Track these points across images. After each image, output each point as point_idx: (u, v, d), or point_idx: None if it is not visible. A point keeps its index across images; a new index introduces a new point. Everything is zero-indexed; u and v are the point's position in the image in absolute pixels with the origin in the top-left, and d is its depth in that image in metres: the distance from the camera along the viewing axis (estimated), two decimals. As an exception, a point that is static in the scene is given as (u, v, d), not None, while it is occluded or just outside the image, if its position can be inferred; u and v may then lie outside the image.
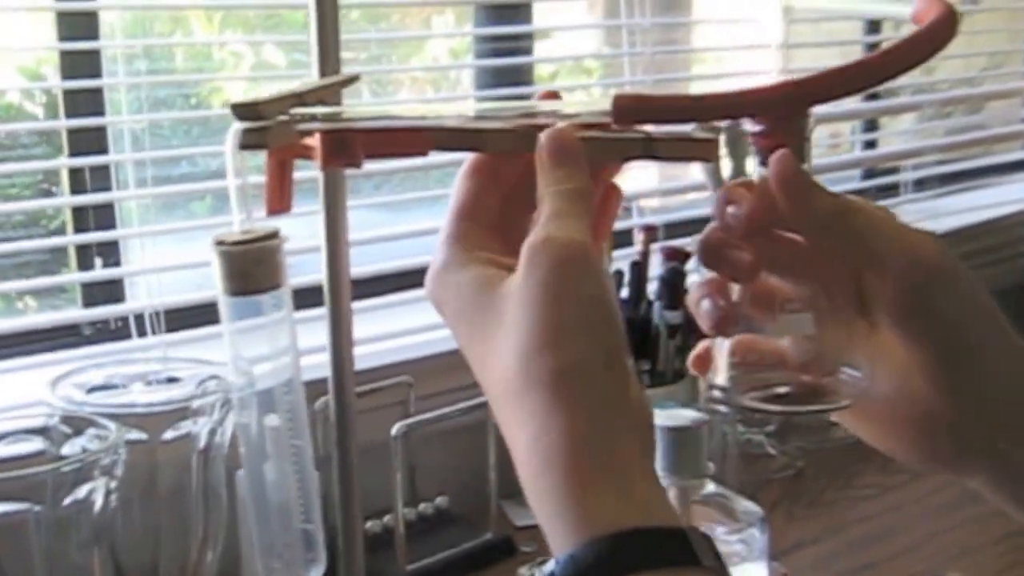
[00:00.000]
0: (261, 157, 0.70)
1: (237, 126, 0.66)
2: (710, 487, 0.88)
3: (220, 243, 0.78)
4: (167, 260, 1.43)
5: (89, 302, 1.45)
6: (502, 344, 0.57)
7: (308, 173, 0.96)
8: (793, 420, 1.70)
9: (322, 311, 1.15)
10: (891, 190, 2.23)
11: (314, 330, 1.15)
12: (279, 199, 0.80)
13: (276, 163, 0.80)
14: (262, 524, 0.91)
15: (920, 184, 2.24)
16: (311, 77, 1.07)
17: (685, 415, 0.88)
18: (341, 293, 1.08)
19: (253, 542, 0.93)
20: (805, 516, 1.49)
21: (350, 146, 0.72)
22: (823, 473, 1.61)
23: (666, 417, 0.87)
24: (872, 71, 0.64)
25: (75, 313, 1.44)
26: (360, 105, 1.58)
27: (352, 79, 0.85)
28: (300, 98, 0.71)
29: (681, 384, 1.41)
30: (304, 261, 1.27)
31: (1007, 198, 2.29)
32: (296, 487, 0.90)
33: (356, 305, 1.51)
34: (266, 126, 0.67)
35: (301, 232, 1.05)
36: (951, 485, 1.49)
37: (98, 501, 0.94)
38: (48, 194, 1.46)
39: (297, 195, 0.72)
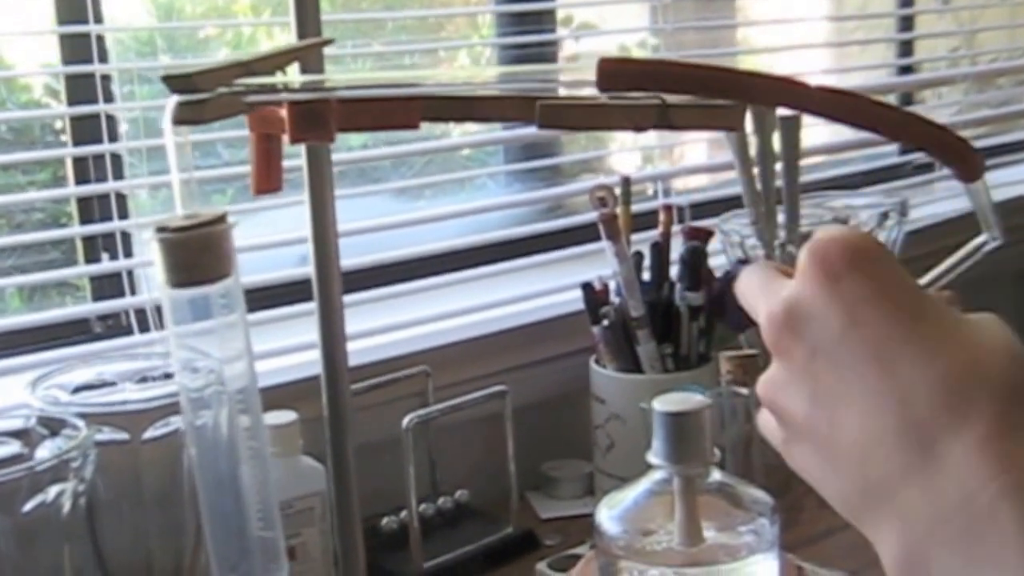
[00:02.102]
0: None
1: (173, 99, 0.61)
2: (716, 475, 0.83)
3: (161, 230, 0.72)
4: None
5: (99, 299, 1.42)
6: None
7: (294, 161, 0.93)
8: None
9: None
10: (928, 167, 2.18)
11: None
12: (266, 179, 0.77)
13: (261, 142, 0.76)
14: (215, 530, 0.86)
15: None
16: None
17: (687, 399, 0.83)
18: (331, 286, 1.03)
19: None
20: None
21: (322, 117, 0.67)
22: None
23: (667, 402, 0.82)
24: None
25: (75, 309, 1.41)
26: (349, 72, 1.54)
27: (323, 42, 0.81)
28: (246, 67, 0.66)
29: (706, 368, 1.36)
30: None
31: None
32: (255, 492, 0.86)
33: (373, 294, 1.50)
34: (203, 99, 0.62)
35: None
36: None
37: (66, 505, 0.90)
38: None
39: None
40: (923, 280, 0.88)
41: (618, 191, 1.37)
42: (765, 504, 0.83)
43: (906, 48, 2.18)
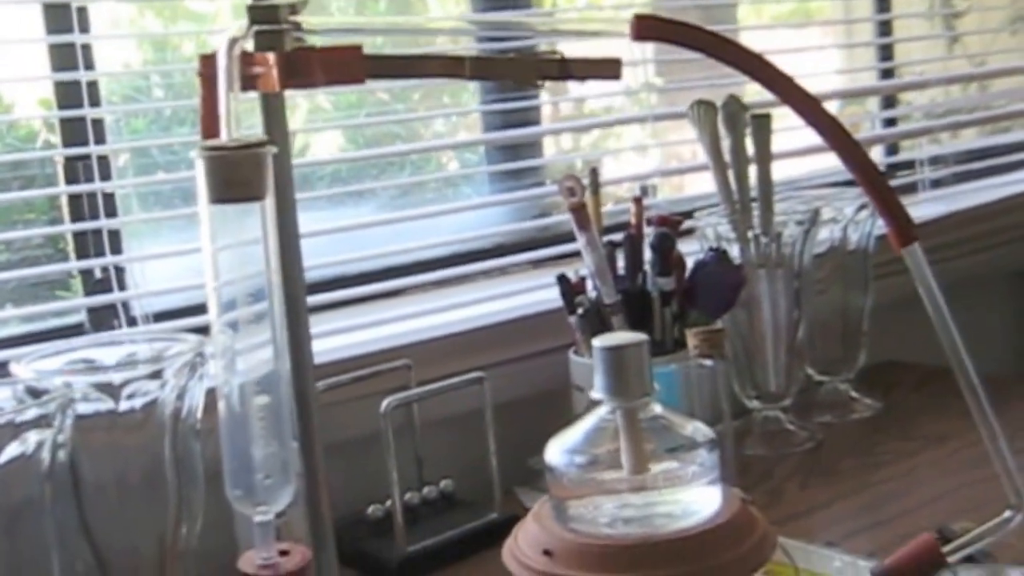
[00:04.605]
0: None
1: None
2: (656, 408, 0.87)
3: (206, 148, 0.79)
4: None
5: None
6: None
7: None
8: (813, 396, 1.70)
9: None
10: (909, 166, 2.22)
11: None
12: (213, 125, 0.82)
13: (208, 88, 0.81)
14: (228, 446, 0.89)
15: (936, 161, 2.23)
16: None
17: (626, 336, 0.87)
18: (295, 285, 1.06)
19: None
20: (819, 484, 1.47)
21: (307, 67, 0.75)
22: (841, 445, 1.59)
23: (607, 340, 0.86)
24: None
25: (60, 304, 1.45)
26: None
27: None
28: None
29: (681, 353, 1.39)
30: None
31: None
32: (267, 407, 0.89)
33: (359, 292, 1.54)
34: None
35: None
36: (967, 447, 1.48)
37: (46, 457, 0.93)
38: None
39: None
40: (946, 549, 0.94)
41: (587, 182, 1.41)
42: (704, 435, 0.87)
43: (886, 52, 2.22)
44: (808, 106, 0.81)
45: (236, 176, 0.80)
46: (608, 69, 0.79)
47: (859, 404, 1.71)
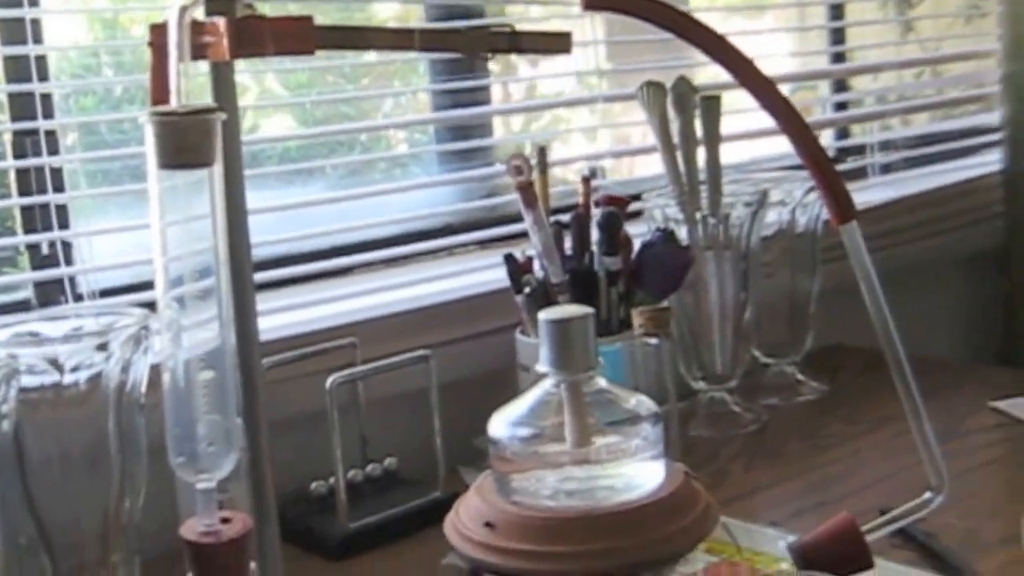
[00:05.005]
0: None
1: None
2: (601, 382, 0.87)
3: (156, 114, 0.78)
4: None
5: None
6: None
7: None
8: (760, 378, 1.71)
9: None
10: (860, 151, 2.23)
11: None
12: (162, 92, 0.82)
13: (158, 56, 0.82)
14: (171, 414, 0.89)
15: (887, 146, 2.24)
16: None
17: (572, 309, 0.87)
18: (242, 262, 1.05)
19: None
20: (764, 466, 1.48)
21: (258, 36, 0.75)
22: (786, 428, 1.60)
23: (552, 313, 0.86)
24: None
25: (6, 279, 1.45)
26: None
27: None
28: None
29: (627, 333, 1.39)
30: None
31: (981, 161, 2.28)
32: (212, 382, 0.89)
33: (307, 269, 1.54)
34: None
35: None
36: (910, 431, 1.49)
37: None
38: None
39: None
40: (865, 527, 0.95)
41: (535, 161, 1.41)
42: (648, 409, 0.87)
43: (838, 36, 2.23)
44: (740, 66, 0.81)
45: (185, 142, 0.80)
46: (558, 43, 0.79)
47: (805, 387, 1.72)
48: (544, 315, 0.86)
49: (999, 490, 1.23)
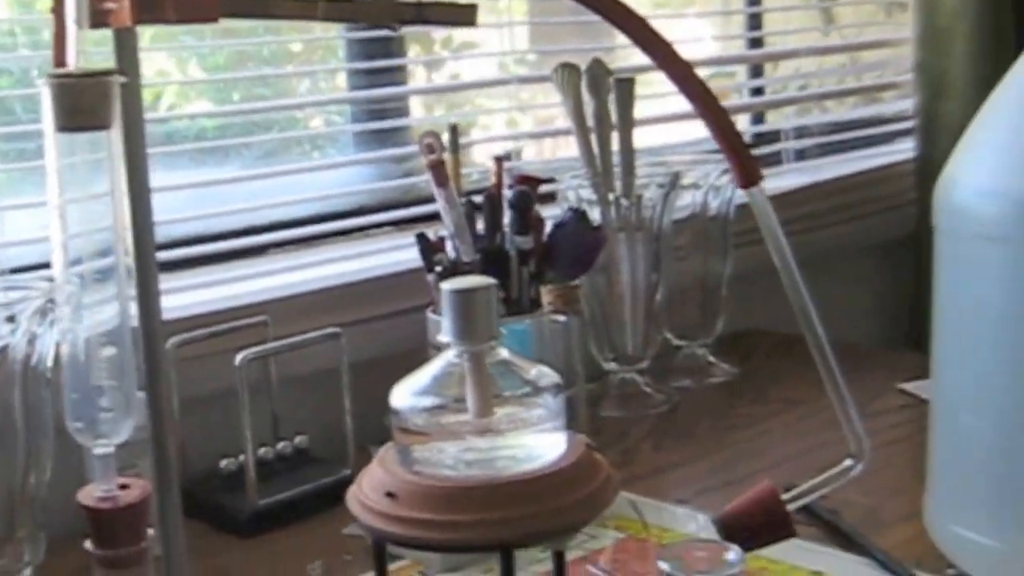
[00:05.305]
0: None
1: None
2: (503, 352, 0.87)
3: (53, 76, 0.78)
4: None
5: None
6: None
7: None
8: (671, 360, 1.72)
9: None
10: (775, 138, 2.25)
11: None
12: (63, 56, 0.82)
13: (59, 19, 0.81)
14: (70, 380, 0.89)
15: (802, 132, 2.26)
16: None
17: (475, 280, 0.87)
18: (145, 241, 1.05)
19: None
20: (673, 445, 1.50)
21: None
22: (696, 409, 1.62)
23: (454, 283, 0.87)
24: None
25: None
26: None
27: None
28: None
29: (538, 312, 1.40)
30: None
31: (895, 148, 2.31)
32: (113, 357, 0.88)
33: (214, 248, 1.54)
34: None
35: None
36: (819, 411, 1.50)
37: None
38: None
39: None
40: (787, 496, 0.96)
41: (447, 139, 1.42)
42: (549, 380, 0.87)
43: (755, 21, 2.24)
44: (643, 34, 0.82)
45: (81, 103, 0.79)
46: (464, 15, 0.79)
47: (716, 369, 1.73)
48: (447, 285, 0.86)
49: (902, 469, 1.25)
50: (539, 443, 0.86)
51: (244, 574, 1.25)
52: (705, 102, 0.83)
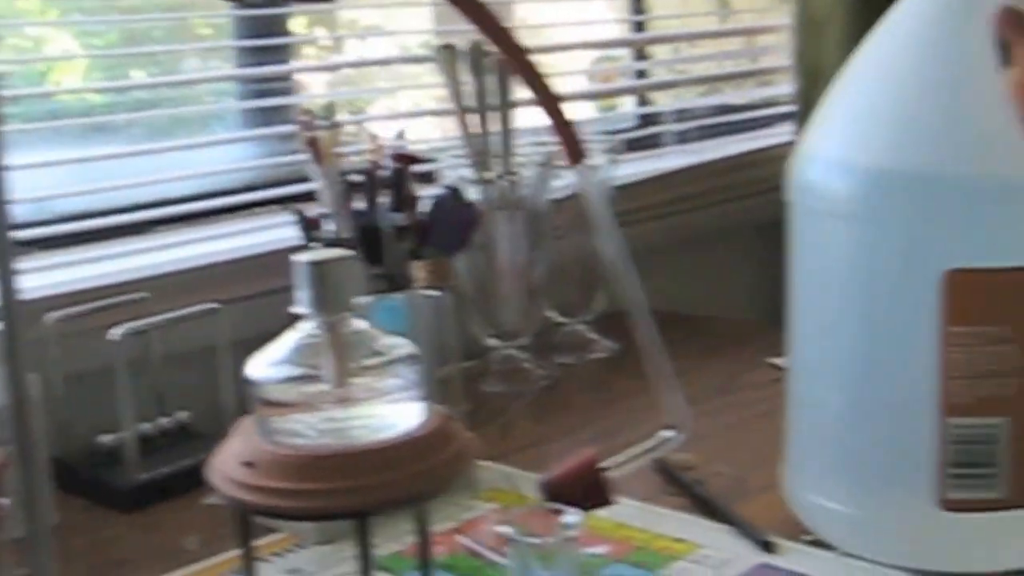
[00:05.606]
0: None
1: None
2: (359, 324, 0.90)
3: None
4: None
5: None
6: None
7: None
8: (553, 337, 1.74)
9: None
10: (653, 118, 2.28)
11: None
12: None
13: None
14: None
15: (683, 115, 2.30)
16: None
17: (330, 252, 0.89)
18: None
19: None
20: (552, 419, 1.53)
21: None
22: (576, 384, 1.65)
23: (311, 254, 0.89)
24: None
25: None
26: None
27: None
28: None
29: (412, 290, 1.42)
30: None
31: (775, 132, 2.35)
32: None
33: (92, 224, 1.55)
34: None
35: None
36: (691, 384, 1.54)
37: None
38: None
39: None
40: (609, 462, 0.99)
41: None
42: (405, 350, 0.89)
43: (639, 4, 2.27)
44: (479, 14, 0.85)
45: None
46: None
47: (597, 345, 1.76)
48: (302, 257, 0.88)
49: (768, 440, 1.28)
50: (395, 413, 0.89)
51: (124, 548, 1.25)
52: (535, 83, 0.86)
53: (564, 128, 0.90)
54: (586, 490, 1.01)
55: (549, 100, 0.89)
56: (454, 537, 1.19)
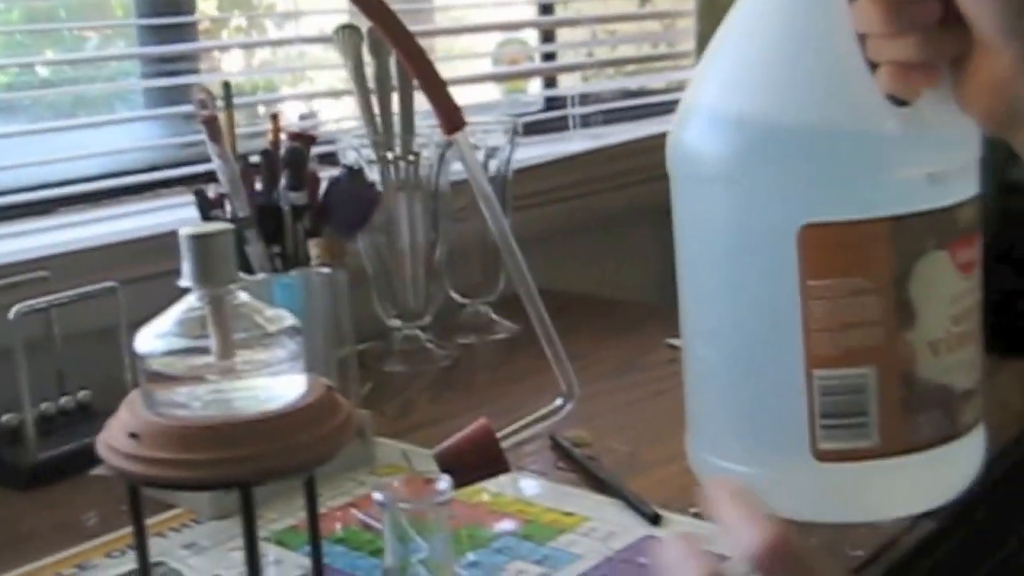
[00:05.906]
0: None
1: None
2: (242, 296, 0.91)
3: None
4: None
5: None
6: None
7: None
8: (455, 318, 1.76)
9: None
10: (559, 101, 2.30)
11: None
12: None
13: None
14: None
15: (587, 99, 2.32)
16: None
17: (211, 225, 0.91)
18: None
19: None
20: (451, 398, 1.55)
21: None
22: (477, 363, 1.67)
23: (192, 227, 0.90)
24: None
25: None
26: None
27: None
28: None
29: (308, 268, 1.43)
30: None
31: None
32: None
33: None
34: None
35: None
36: (594, 364, 1.57)
37: None
38: None
39: None
40: (502, 433, 1.00)
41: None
42: (288, 323, 0.91)
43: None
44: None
45: None
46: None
47: (499, 326, 1.78)
48: (184, 231, 0.89)
49: (662, 417, 1.31)
50: (279, 384, 0.90)
51: (23, 526, 1.26)
52: (409, 52, 0.87)
53: (439, 96, 0.91)
54: (480, 458, 1.04)
55: (422, 66, 0.90)
56: (350, 511, 1.20)
